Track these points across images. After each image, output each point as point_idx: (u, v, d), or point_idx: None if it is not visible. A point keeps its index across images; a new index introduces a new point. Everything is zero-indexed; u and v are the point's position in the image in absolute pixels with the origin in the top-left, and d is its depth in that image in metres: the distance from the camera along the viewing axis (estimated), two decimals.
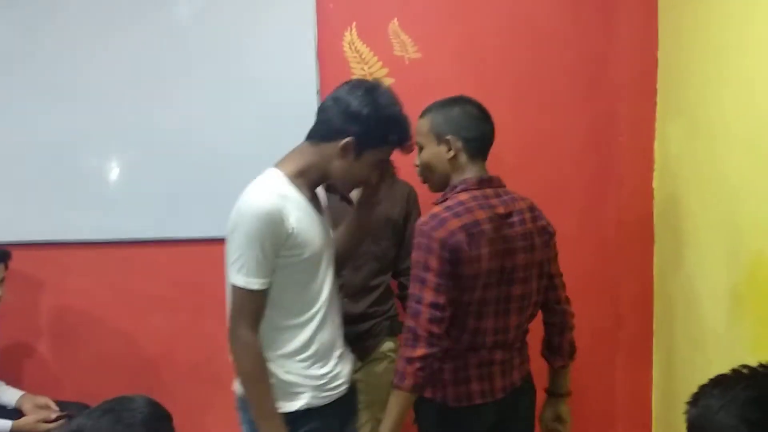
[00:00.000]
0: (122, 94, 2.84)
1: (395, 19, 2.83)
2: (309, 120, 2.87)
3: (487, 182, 2.07)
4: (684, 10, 2.56)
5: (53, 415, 2.60)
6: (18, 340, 2.93)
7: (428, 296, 1.90)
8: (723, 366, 1.36)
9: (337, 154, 1.93)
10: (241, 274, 1.87)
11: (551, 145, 2.91)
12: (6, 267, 2.60)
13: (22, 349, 2.95)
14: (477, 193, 2.02)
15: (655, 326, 2.89)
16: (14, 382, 2.78)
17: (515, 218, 2.06)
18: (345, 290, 2.43)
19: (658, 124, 2.83)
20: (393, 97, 2.00)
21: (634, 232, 2.90)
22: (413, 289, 1.93)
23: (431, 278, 1.91)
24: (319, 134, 1.96)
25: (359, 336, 2.49)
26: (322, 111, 1.98)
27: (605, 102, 2.88)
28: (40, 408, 2.63)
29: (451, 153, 2.05)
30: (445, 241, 1.90)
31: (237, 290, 1.89)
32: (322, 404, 1.97)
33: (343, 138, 1.91)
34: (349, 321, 2.23)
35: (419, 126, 2.11)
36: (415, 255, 1.94)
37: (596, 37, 2.85)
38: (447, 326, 1.95)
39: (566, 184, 2.92)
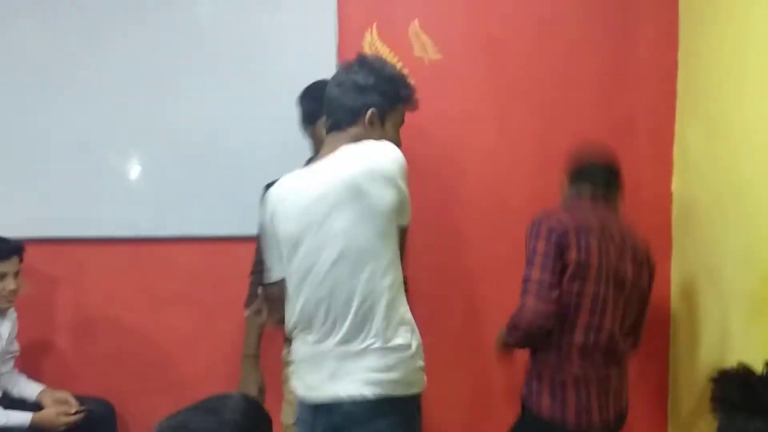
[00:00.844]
0: (144, 91, 2.88)
1: (416, 20, 2.84)
2: None
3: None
4: (704, 14, 2.56)
5: (72, 410, 2.63)
6: (38, 335, 2.96)
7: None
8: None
9: (367, 129, 1.94)
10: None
11: (569, 148, 2.90)
12: (20, 260, 2.64)
13: (43, 344, 2.98)
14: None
15: (671, 328, 2.88)
16: (35, 376, 2.82)
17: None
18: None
19: (677, 128, 2.83)
20: (383, 59, 2.11)
21: (652, 235, 2.88)
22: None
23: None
24: (342, 122, 1.96)
25: None
26: (331, 103, 1.99)
27: (625, 105, 2.88)
28: (60, 402, 2.66)
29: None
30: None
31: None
32: None
33: (366, 112, 1.93)
34: None
35: None
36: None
37: (617, 42, 2.85)
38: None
39: None
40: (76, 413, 2.62)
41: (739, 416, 1.22)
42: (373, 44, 2.86)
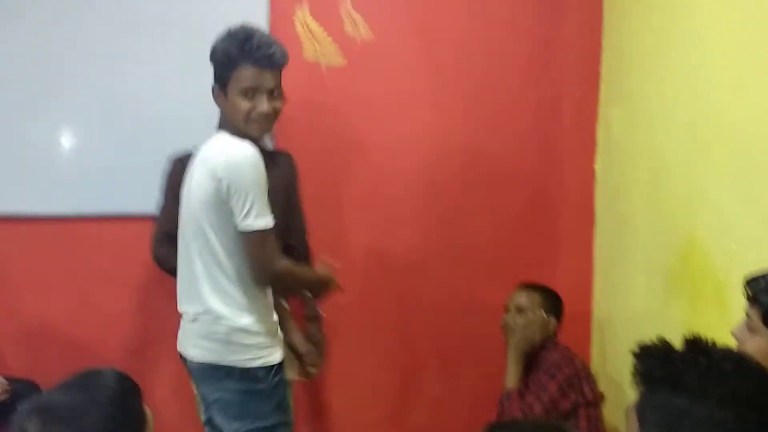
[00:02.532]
0: (69, 62, 2.78)
1: None
2: None
3: None
4: None
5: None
6: None
7: None
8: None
9: (220, 106, 2.11)
10: (260, 219, 1.97)
11: (498, 127, 2.97)
12: None
13: None
14: None
15: (594, 305, 2.99)
16: None
17: None
18: None
19: (601, 109, 2.92)
20: (242, 26, 2.16)
21: (576, 214, 2.99)
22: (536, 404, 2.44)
23: None
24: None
25: None
26: None
27: (551, 86, 2.95)
28: None
29: None
30: None
31: (258, 235, 1.98)
32: None
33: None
34: None
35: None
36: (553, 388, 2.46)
37: (543, 23, 2.92)
38: None
39: (512, 166, 2.99)
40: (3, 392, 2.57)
41: (660, 391, 1.22)
42: (305, 21, 2.84)
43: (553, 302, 2.66)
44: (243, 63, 2.08)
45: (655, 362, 1.27)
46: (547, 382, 2.44)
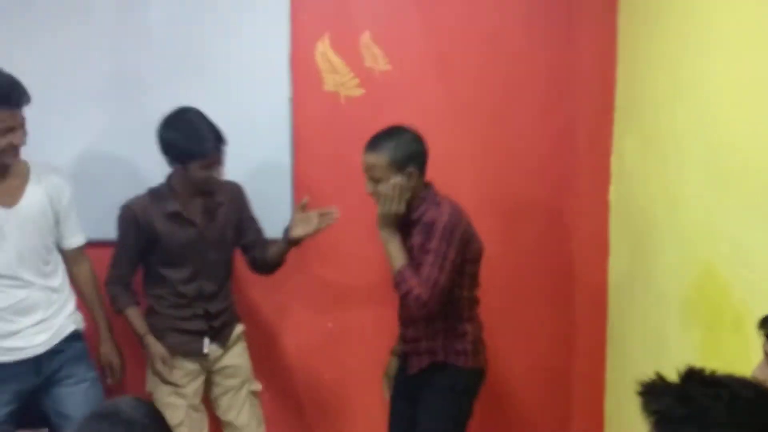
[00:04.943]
0: (93, 97, 2.85)
1: (368, 31, 2.90)
2: (280, 128, 2.96)
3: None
4: (642, 30, 2.68)
5: None
6: None
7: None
8: (673, 371, 1.43)
9: None
10: None
11: (511, 157, 3.01)
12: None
13: None
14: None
15: (608, 334, 3.00)
16: None
17: None
18: (204, 297, 2.63)
19: (615, 140, 2.95)
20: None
21: (590, 243, 3.01)
22: (433, 271, 2.27)
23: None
24: None
25: (219, 329, 2.68)
26: None
27: (565, 117, 2.98)
28: None
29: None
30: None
31: None
32: None
33: None
34: (209, 318, 2.64)
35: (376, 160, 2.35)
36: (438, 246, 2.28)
37: (558, 55, 2.96)
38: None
39: (527, 196, 3.02)
40: None
41: (683, 430, 1.20)
42: (325, 54, 2.91)
43: (403, 151, 2.33)
44: None
45: (671, 400, 1.24)
46: (442, 246, 2.28)
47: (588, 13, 2.92)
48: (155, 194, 2.59)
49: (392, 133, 2.37)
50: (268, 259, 2.71)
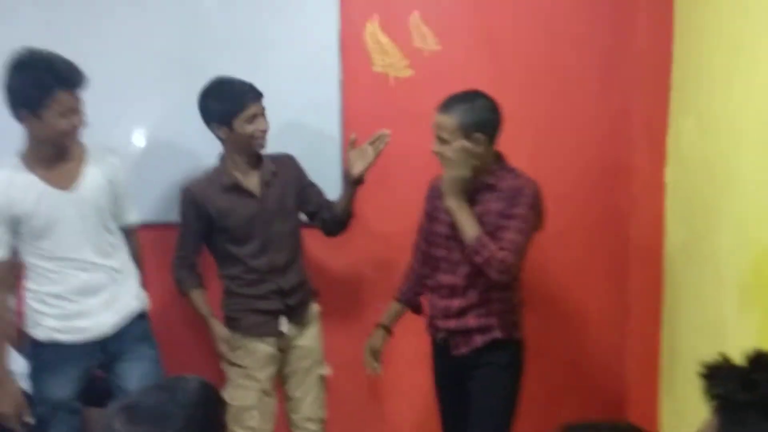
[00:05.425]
0: (144, 79, 2.91)
1: (416, 11, 2.89)
2: (330, 110, 2.97)
3: None
4: (699, 8, 2.62)
5: None
6: None
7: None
8: (728, 354, 1.40)
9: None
10: None
11: (566, 138, 2.97)
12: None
13: None
14: None
15: (663, 316, 2.95)
16: None
17: None
18: (276, 270, 2.64)
19: (671, 120, 2.88)
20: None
21: (645, 224, 2.96)
22: (519, 237, 2.28)
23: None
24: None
25: (294, 307, 2.69)
26: None
27: (620, 97, 2.94)
28: None
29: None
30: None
31: None
32: None
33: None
34: (284, 295, 2.65)
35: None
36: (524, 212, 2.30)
37: (612, 33, 2.91)
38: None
39: (580, 178, 2.99)
40: None
41: (749, 416, 1.19)
42: (375, 35, 2.91)
43: (473, 117, 2.29)
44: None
45: (736, 385, 1.23)
46: (528, 213, 2.31)
47: None
48: (211, 173, 2.63)
49: (467, 97, 2.34)
50: (338, 213, 2.71)
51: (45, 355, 2.46)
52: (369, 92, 2.94)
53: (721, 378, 1.26)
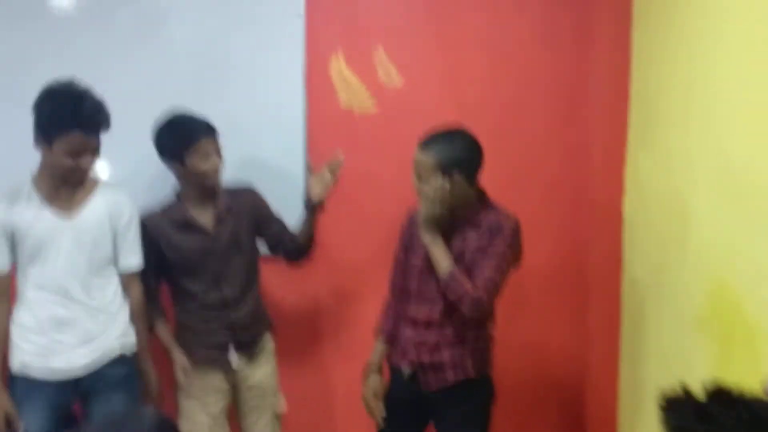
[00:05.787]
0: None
1: (380, 46, 2.92)
2: (294, 142, 2.98)
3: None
4: (656, 44, 2.68)
5: None
6: None
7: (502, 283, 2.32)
8: (685, 386, 1.43)
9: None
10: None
11: (526, 172, 3.01)
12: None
13: None
14: None
15: (622, 347, 2.99)
16: None
17: None
18: (228, 304, 2.64)
19: (629, 153, 2.94)
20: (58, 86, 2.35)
21: (604, 256, 3.01)
22: (495, 275, 2.28)
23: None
24: None
25: (245, 341, 2.68)
26: None
27: (580, 130, 2.99)
28: None
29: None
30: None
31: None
32: None
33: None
34: (234, 329, 2.64)
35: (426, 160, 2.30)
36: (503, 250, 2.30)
37: (572, 70, 2.97)
38: None
39: (540, 209, 3.02)
40: None
41: None
42: (340, 69, 2.93)
43: (451, 156, 2.29)
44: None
45: (692, 417, 1.25)
46: (507, 250, 2.32)
47: (601, 28, 2.93)
48: (166, 207, 2.63)
49: (447, 135, 2.35)
50: (299, 241, 2.70)
51: (17, 388, 2.41)
52: (334, 128, 2.96)
53: (677, 410, 1.28)
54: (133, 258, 2.54)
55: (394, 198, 2.91)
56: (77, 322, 2.41)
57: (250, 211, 2.69)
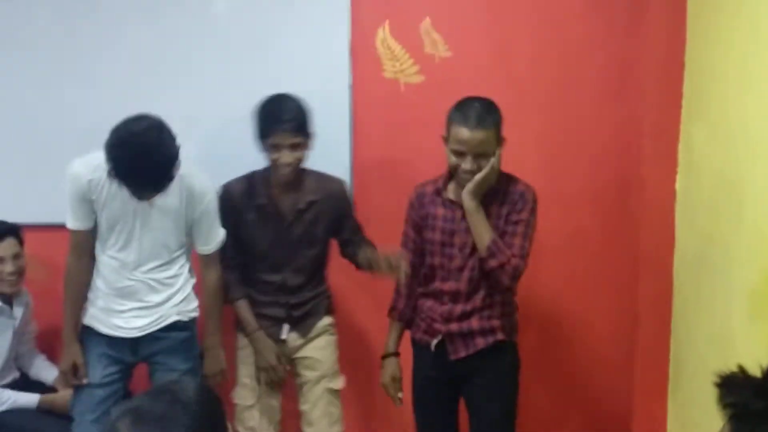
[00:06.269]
0: (156, 85, 2.92)
1: (427, 17, 2.89)
2: (340, 115, 2.98)
3: None
4: (712, 16, 2.61)
5: None
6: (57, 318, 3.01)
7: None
8: (738, 365, 1.39)
9: None
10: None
11: (576, 146, 2.96)
12: (19, 242, 2.71)
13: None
14: None
15: (673, 324, 2.93)
16: (55, 357, 2.87)
17: None
18: (287, 289, 2.63)
19: (683, 128, 2.87)
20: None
21: (655, 232, 2.95)
22: (525, 242, 2.34)
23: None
24: None
25: (299, 318, 2.68)
26: None
27: (631, 104, 2.93)
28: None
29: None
30: None
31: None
32: None
33: None
34: (289, 307, 2.64)
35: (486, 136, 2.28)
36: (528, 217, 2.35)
37: (624, 40, 2.90)
38: None
39: (591, 184, 2.98)
40: None
41: (762, 425, 1.20)
42: (385, 41, 2.91)
43: (499, 122, 2.33)
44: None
45: (750, 395, 1.25)
46: (531, 218, 2.37)
47: None
48: (251, 182, 2.62)
49: (487, 106, 2.33)
50: (358, 260, 2.65)
51: (84, 338, 2.53)
52: (379, 98, 2.95)
53: (735, 387, 1.28)
54: (207, 244, 2.55)
55: (437, 170, 2.89)
56: (139, 291, 2.50)
57: (331, 209, 2.65)
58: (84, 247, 2.49)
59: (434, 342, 2.44)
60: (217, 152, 2.90)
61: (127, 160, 2.21)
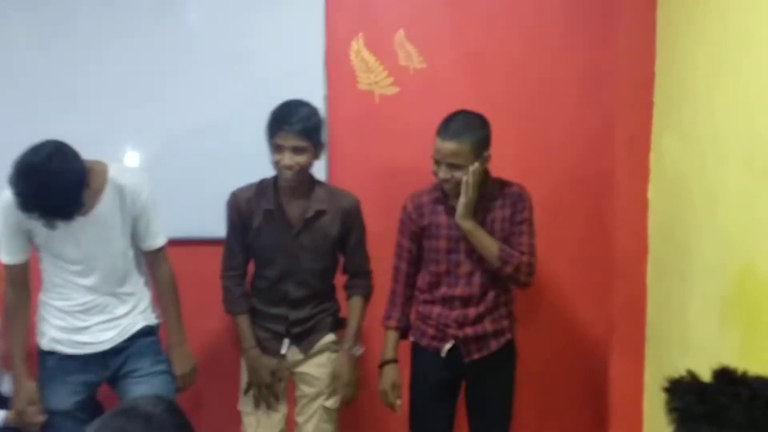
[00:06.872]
0: (134, 96, 2.92)
1: (401, 29, 2.91)
2: None
3: None
4: (680, 28, 2.64)
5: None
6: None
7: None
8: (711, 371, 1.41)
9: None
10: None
11: (549, 155, 2.99)
12: None
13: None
14: None
15: (647, 332, 2.95)
16: None
17: None
18: (288, 302, 2.61)
19: (654, 137, 2.90)
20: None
21: (629, 240, 2.97)
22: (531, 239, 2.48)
23: None
24: None
25: (299, 334, 2.64)
26: None
27: (603, 114, 2.96)
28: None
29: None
30: None
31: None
32: None
33: None
34: (289, 324, 2.61)
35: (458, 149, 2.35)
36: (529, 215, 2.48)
37: (595, 51, 2.93)
38: None
39: (564, 194, 3.00)
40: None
41: (703, 428, 1.21)
42: (360, 53, 2.92)
43: (481, 137, 2.40)
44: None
45: (692, 398, 1.25)
46: (531, 215, 2.50)
47: (626, 9, 2.88)
48: (260, 188, 2.59)
49: (468, 119, 2.41)
50: (348, 290, 2.69)
51: (47, 364, 2.47)
52: (354, 110, 2.95)
53: (680, 392, 1.28)
54: (155, 239, 2.52)
55: (413, 181, 2.90)
56: (103, 306, 2.47)
57: (340, 224, 2.62)
58: (19, 281, 2.44)
59: (446, 347, 2.50)
60: (193, 165, 2.90)
61: (31, 192, 2.16)
